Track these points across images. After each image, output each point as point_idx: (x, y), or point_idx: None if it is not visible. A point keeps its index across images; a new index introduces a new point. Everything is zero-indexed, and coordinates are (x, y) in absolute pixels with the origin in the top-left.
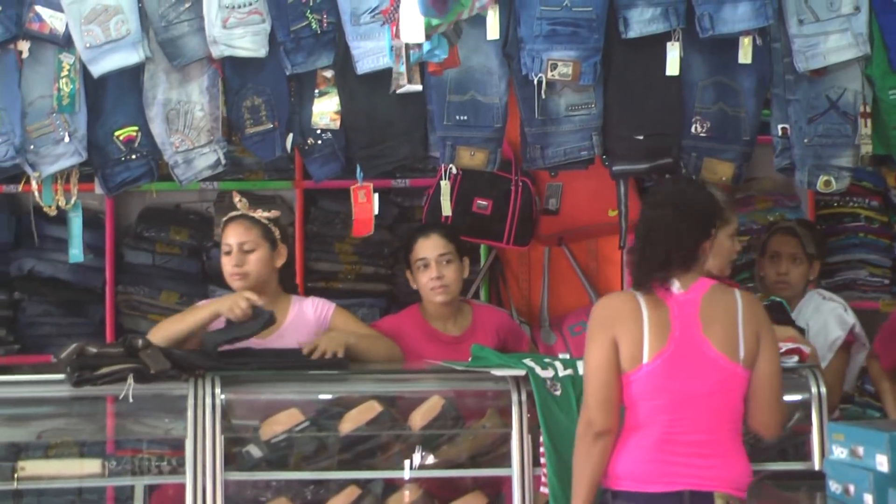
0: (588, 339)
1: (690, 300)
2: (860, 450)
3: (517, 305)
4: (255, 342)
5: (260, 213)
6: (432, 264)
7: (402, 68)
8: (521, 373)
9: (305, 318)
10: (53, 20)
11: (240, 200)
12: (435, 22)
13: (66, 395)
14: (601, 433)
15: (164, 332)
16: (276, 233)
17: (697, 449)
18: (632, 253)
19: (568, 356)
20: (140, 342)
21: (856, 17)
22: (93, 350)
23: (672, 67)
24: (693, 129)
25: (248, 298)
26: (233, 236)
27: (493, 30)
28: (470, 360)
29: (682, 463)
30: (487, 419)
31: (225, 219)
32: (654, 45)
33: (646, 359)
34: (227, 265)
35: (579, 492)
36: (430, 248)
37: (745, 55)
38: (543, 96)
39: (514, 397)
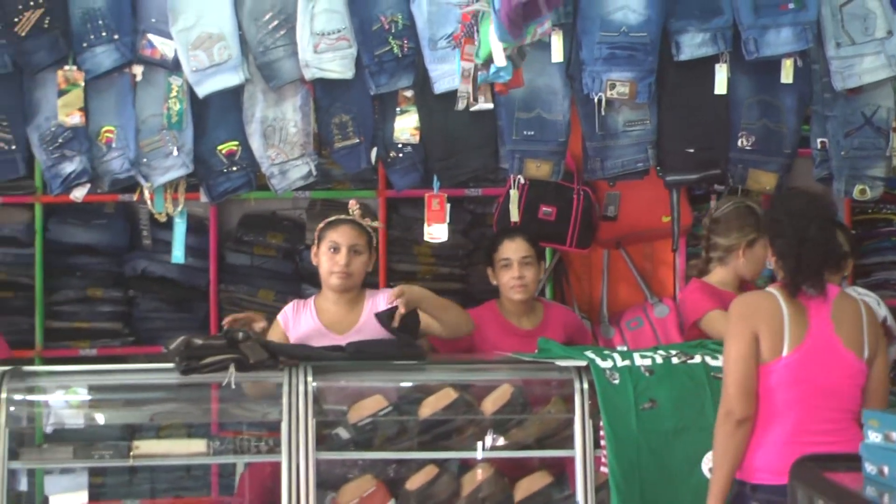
0: (728, 333)
1: (824, 303)
2: (893, 435)
3: (579, 302)
4: (337, 337)
5: (368, 222)
6: (514, 265)
7: (469, 88)
8: (583, 363)
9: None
10: (164, 47)
11: (357, 208)
12: (502, 46)
13: (174, 381)
14: (741, 421)
15: None
16: (374, 242)
17: (826, 437)
18: (783, 259)
19: (625, 349)
20: (241, 335)
21: (889, 40)
22: (198, 342)
23: (720, 87)
24: (739, 143)
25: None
26: (344, 237)
27: (557, 53)
28: (537, 351)
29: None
30: (552, 405)
31: (333, 219)
32: (704, 67)
33: (785, 352)
34: (333, 262)
35: (719, 476)
36: (514, 249)
37: (787, 76)
38: (603, 113)
39: (577, 386)
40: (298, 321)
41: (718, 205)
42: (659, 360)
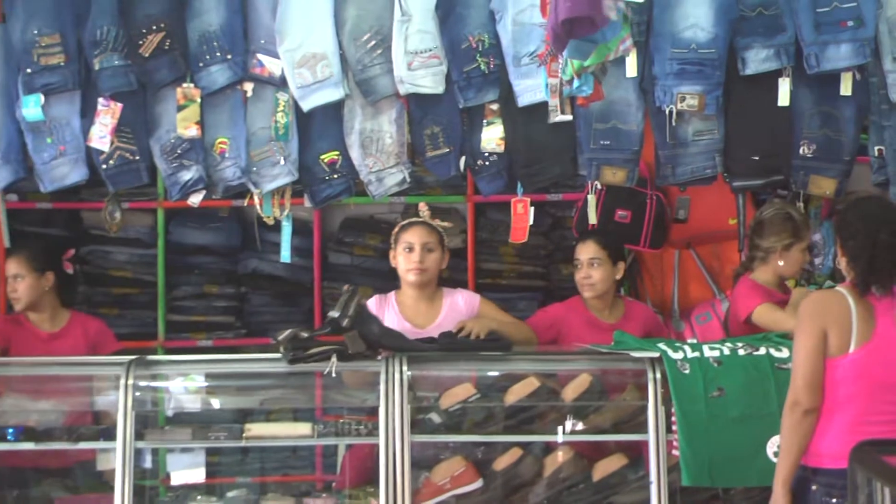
0: (798, 329)
1: (891, 303)
2: None
3: (652, 299)
4: (415, 331)
5: (437, 222)
6: (583, 265)
7: (556, 101)
8: (656, 355)
9: (458, 309)
10: (272, 65)
11: (426, 210)
12: (584, 63)
13: (282, 370)
14: (808, 411)
15: None
16: (446, 240)
17: (885, 427)
18: (854, 260)
19: (695, 341)
20: (345, 323)
21: None
22: (304, 335)
23: (783, 99)
24: (801, 151)
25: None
26: (417, 237)
27: (631, 68)
28: (613, 344)
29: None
30: (627, 393)
31: (406, 222)
32: (768, 80)
33: (852, 348)
34: (408, 261)
35: (786, 461)
36: (583, 251)
37: (846, 88)
38: (674, 124)
39: (650, 375)
40: (381, 316)
41: (762, 209)
42: (726, 351)
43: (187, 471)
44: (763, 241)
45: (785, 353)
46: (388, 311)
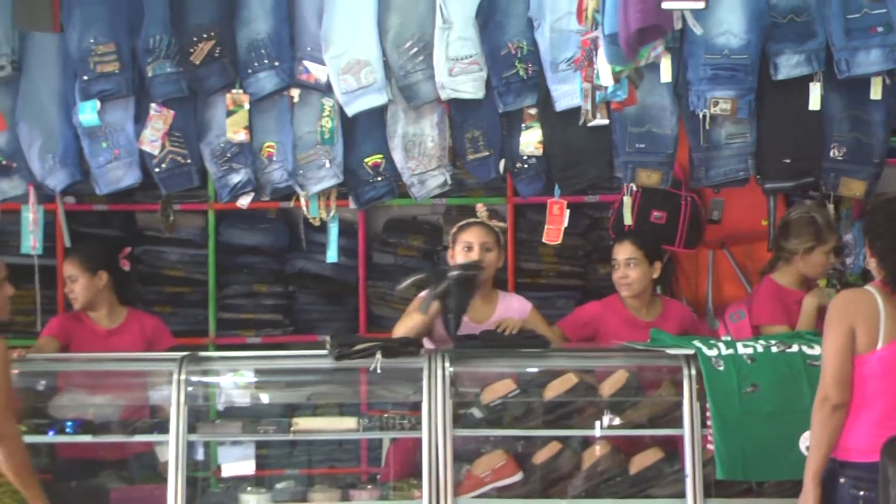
0: (827, 326)
1: None
2: None
3: (686, 297)
4: (472, 325)
5: (495, 223)
6: (620, 265)
7: (589, 106)
8: (691, 352)
9: (511, 312)
10: (318, 72)
11: (485, 210)
12: (619, 68)
13: (329, 366)
14: (837, 406)
15: (401, 328)
16: (502, 240)
17: None
18: (883, 260)
19: (729, 339)
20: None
21: None
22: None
23: (814, 103)
24: (832, 154)
25: None
26: (475, 237)
27: (665, 74)
28: (649, 341)
29: None
30: (663, 389)
31: (464, 223)
32: (799, 85)
33: (880, 345)
34: (467, 259)
35: (816, 455)
36: (620, 252)
37: (875, 92)
38: (707, 127)
39: (685, 371)
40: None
41: (789, 212)
42: (760, 348)
43: (237, 463)
44: (787, 242)
45: (817, 351)
46: None
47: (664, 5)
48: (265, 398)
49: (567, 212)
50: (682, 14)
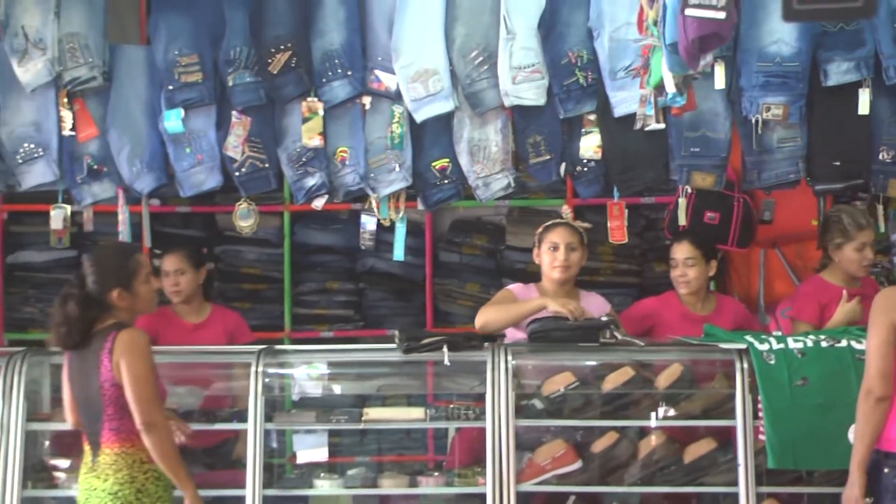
0: (870, 322)
1: None
2: None
3: (739, 294)
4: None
5: (579, 223)
6: (679, 264)
7: (651, 111)
8: (743, 346)
9: (590, 310)
10: (388, 80)
11: (569, 211)
12: (675, 75)
13: (397, 359)
14: (881, 399)
15: (494, 316)
16: (585, 240)
17: None
18: None
19: (780, 334)
20: None
21: None
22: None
23: (863, 108)
24: (880, 156)
25: (577, 307)
26: (561, 237)
27: (719, 81)
28: (703, 336)
29: None
30: (717, 382)
31: (550, 223)
32: (849, 91)
33: None
34: (553, 259)
35: (860, 448)
36: (679, 251)
37: None
38: (759, 132)
39: (738, 365)
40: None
41: (828, 212)
42: (810, 343)
43: (311, 450)
44: (821, 241)
45: (865, 346)
46: (528, 297)
47: (686, 12)
48: (337, 389)
49: (626, 212)
50: (738, 23)
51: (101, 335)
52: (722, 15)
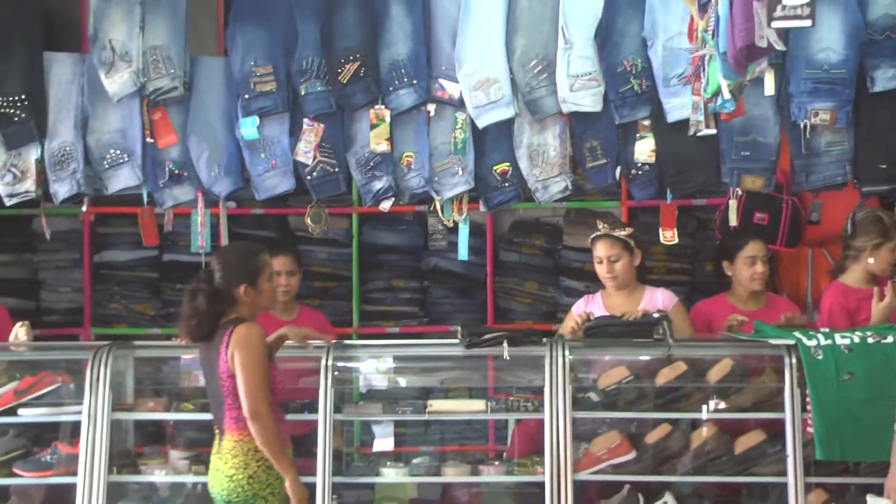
0: None
1: None
2: None
3: (787, 292)
4: None
5: (618, 232)
6: (758, 262)
7: (701, 117)
8: (792, 342)
9: (655, 304)
10: (451, 88)
11: (602, 225)
12: (729, 82)
13: (460, 354)
14: None
15: None
16: (632, 243)
17: None
18: None
19: (827, 330)
20: None
21: None
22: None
23: None
24: None
25: None
26: (602, 251)
27: (769, 87)
28: (753, 332)
29: None
30: (766, 376)
31: (594, 236)
32: (894, 96)
33: None
34: (601, 271)
35: None
36: (758, 249)
37: None
38: (808, 136)
39: (787, 360)
40: (591, 309)
41: (854, 211)
42: (856, 339)
43: (378, 440)
44: (855, 241)
45: None
46: (594, 304)
47: (773, 24)
48: (403, 382)
49: (677, 213)
50: (786, 31)
51: (222, 329)
52: (808, 23)
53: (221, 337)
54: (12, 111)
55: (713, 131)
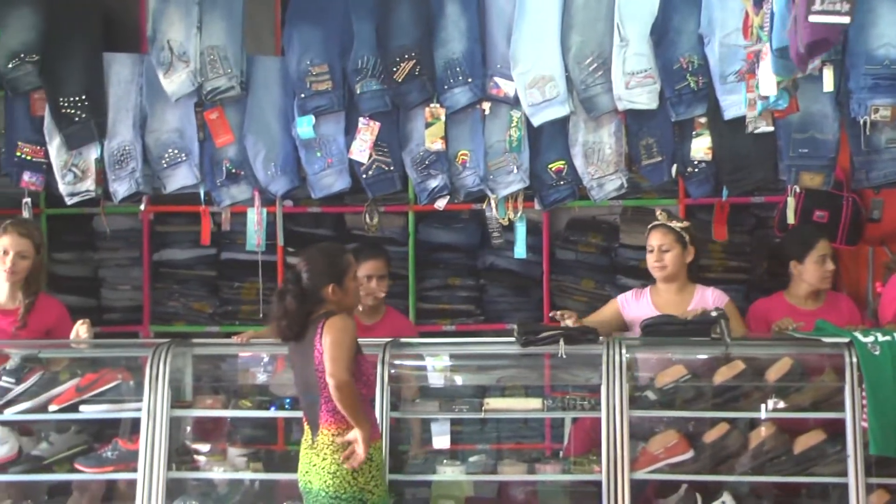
0: None
1: None
2: None
3: (848, 290)
4: None
5: (675, 224)
6: (828, 259)
7: (758, 114)
8: (847, 340)
9: (706, 303)
10: (506, 87)
11: (661, 213)
12: (780, 79)
13: (516, 352)
14: None
15: None
16: (687, 238)
17: None
18: None
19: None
20: None
21: None
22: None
23: None
24: None
25: None
26: (655, 239)
27: (828, 84)
28: (813, 330)
29: None
30: (826, 375)
31: (651, 226)
32: None
33: None
34: (651, 260)
35: None
36: (828, 247)
37: None
38: (868, 133)
39: (847, 359)
40: (638, 304)
41: None
42: None
43: (436, 437)
44: None
45: None
46: (643, 300)
47: (810, 18)
48: (459, 380)
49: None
50: (847, 28)
51: (314, 324)
52: (846, 20)
53: (315, 330)
54: (73, 111)
55: (770, 128)
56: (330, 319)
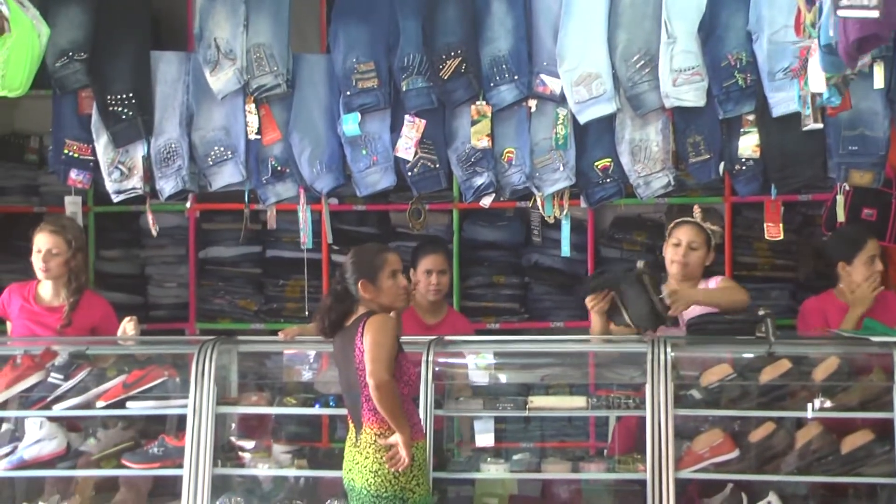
0: None
1: None
2: None
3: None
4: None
5: (708, 225)
6: (877, 260)
7: (808, 111)
8: (894, 339)
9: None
10: (552, 84)
11: (699, 211)
12: (830, 76)
13: (560, 350)
14: None
15: None
16: (713, 241)
17: None
18: None
19: None
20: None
21: None
22: None
23: None
24: None
25: None
26: (685, 235)
27: (878, 81)
28: (861, 329)
29: None
30: (874, 374)
31: (679, 220)
32: None
33: None
34: (674, 254)
35: None
36: (877, 247)
37: None
38: None
39: (895, 359)
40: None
41: None
42: None
43: (479, 436)
44: None
45: None
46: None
47: (839, 13)
48: (503, 378)
49: (781, 209)
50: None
51: (355, 323)
52: (875, 14)
53: (356, 329)
54: (120, 109)
55: (820, 126)
56: (370, 318)
